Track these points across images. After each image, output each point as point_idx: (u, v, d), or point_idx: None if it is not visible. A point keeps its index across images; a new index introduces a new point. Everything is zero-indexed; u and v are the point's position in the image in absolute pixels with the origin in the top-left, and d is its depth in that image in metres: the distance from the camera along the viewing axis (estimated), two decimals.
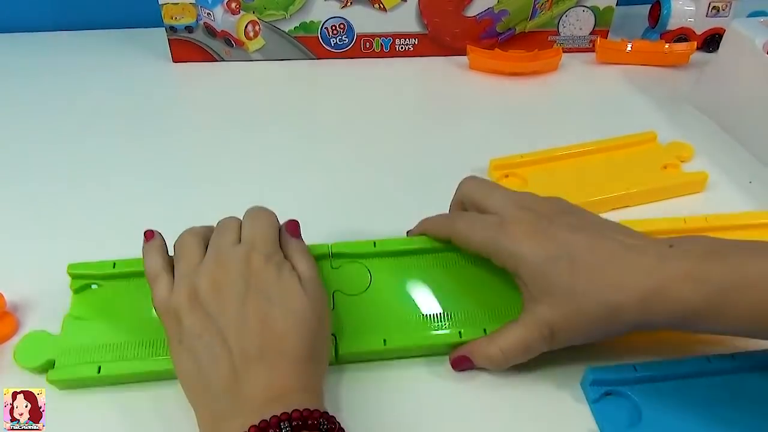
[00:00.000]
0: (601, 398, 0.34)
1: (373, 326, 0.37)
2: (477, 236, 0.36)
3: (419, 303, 0.38)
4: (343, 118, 0.63)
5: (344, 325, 0.37)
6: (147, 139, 0.59)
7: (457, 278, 0.39)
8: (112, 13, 0.80)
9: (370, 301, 0.38)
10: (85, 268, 0.39)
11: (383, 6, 0.69)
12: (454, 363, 0.37)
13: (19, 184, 0.53)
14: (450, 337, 0.37)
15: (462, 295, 0.39)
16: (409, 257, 0.40)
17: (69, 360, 0.35)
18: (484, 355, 0.35)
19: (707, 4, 0.71)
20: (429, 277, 0.39)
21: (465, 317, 0.38)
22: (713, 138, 0.58)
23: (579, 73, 0.71)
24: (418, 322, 0.37)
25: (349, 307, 0.38)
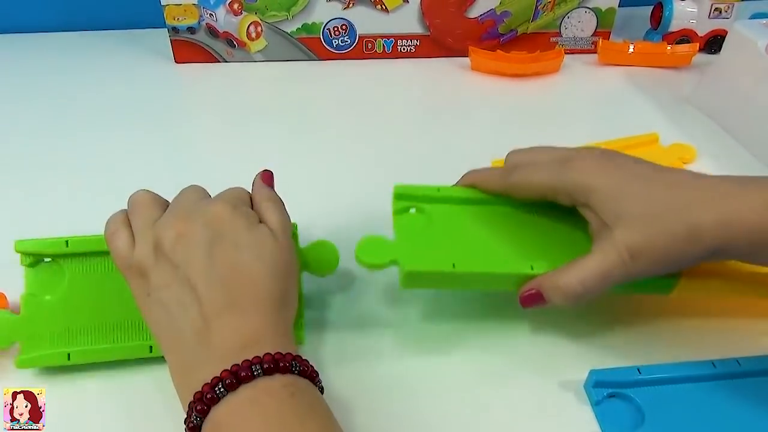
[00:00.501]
0: (604, 400, 0.34)
1: (440, 251, 0.35)
2: (539, 177, 0.35)
3: (484, 240, 0.37)
4: (344, 120, 0.63)
5: (408, 248, 0.36)
6: (149, 139, 0.59)
7: (520, 226, 0.38)
8: (115, 14, 0.80)
9: (435, 233, 0.37)
10: (35, 246, 0.37)
11: (385, 7, 0.69)
12: (524, 299, 0.35)
13: (19, 184, 0.53)
14: (520, 267, 0.35)
15: (527, 238, 0.37)
16: (471, 206, 0.39)
17: (36, 345, 0.35)
18: (558, 287, 0.33)
19: (709, 6, 0.71)
20: (492, 223, 0.38)
21: (533, 253, 0.36)
22: (715, 139, 0.58)
23: (581, 75, 0.71)
24: (486, 254, 0.36)
25: (411, 233, 0.37)
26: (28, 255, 0.37)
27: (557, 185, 0.34)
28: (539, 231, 0.38)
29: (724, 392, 0.34)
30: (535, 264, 0.35)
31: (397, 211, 0.38)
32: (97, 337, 0.35)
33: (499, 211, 0.39)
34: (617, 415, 0.33)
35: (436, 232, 0.37)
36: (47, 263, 0.37)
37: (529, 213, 0.38)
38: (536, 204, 0.38)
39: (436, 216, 0.38)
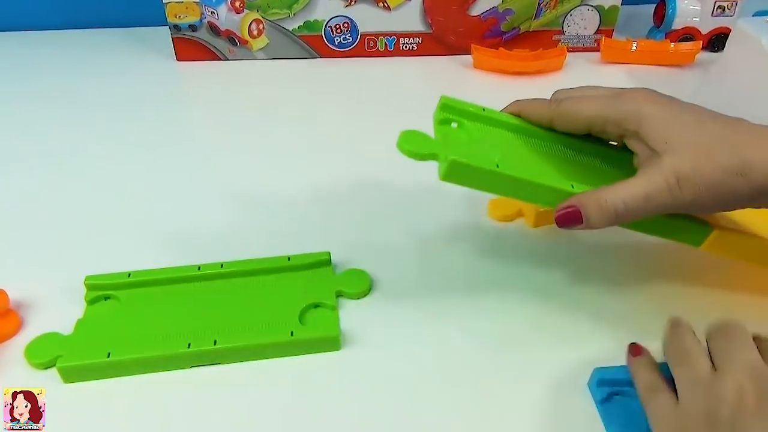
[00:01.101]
0: (608, 398, 0.34)
1: (483, 155, 0.35)
2: (589, 106, 0.35)
3: (526, 159, 0.37)
4: (346, 117, 0.63)
5: (451, 147, 0.35)
6: (150, 137, 0.59)
7: (562, 158, 0.38)
8: (117, 12, 0.80)
9: (476, 147, 0.37)
10: (102, 279, 0.40)
11: (387, 5, 0.69)
12: (560, 217, 0.33)
13: (22, 184, 0.52)
14: (560, 182, 0.34)
15: (569, 167, 0.37)
16: (513, 133, 0.39)
17: (78, 352, 0.35)
18: (599, 204, 0.32)
19: (713, 4, 0.70)
20: (533, 151, 0.38)
21: (574, 177, 0.35)
22: None
23: (583, 73, 0.70)
24: (527, 166, 0.36)
25: (451, 141, 0.37)
26: (93, 289, 0.39)
27: (608, 114, 0.34)
28: (580, 165, 0.37)
29: None
30: (575, 184, 0.34)
31: (439, 121, 0.38)
32: (138, 346, 0.36)
33: (541, 143, 0.38)
34: (621, 413, 0.33)
35: (478, 146, 0.37)
36: (106, 301, 0.39)
37: (572, 150, 0.38)
38: (579, 143, 0.38)
39: (477, 134, 0.37)
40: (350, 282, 0.41)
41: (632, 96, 0.34)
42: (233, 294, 0.40)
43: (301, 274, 0.41)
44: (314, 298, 0.39)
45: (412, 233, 0.46)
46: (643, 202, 0.32)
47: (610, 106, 0.34)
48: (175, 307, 0.39)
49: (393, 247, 0.45)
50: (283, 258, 0.41)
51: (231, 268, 0.41)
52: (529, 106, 0.39)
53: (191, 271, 0.40)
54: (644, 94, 0.34)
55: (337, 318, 0.38)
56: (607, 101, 0.35)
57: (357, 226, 0.46)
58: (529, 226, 0.47)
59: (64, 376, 0.35)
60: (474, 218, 0.47)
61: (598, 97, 0.35)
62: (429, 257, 0.44)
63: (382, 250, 0.44)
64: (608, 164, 0.38)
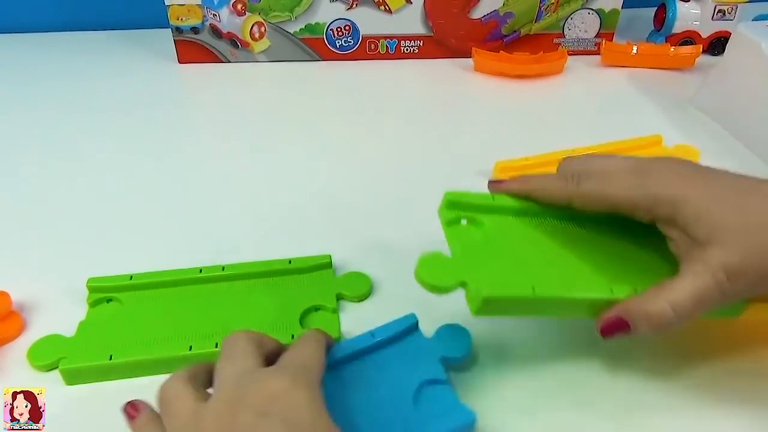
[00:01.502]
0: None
1: (513, 275, 0.31)
2: (615, 189, 0.31)
3: (553, 258, 0.33)
4: (347, 120, 0.63)
5: (476, 267, 0.31)
6: (152, 139, 0.59)
7: (589, 242, 0.34)
8: (118, 14, 0.80)
9: (497, 249, 0.33)
10: (104, 281, 0.40)
11: (388, 8, 0.69)
12: (604, 328, 0.30)
13: (24, 185, 0.53)
14: (600, 290, 0.31)
15: (599, 256, 0.33)
16: (530, 218, 0.35)
17: (80, 355, 0.35)
18: (647, 314, 0.29)
19: (713, 8, 0.71)
20: (557, 239, 0.34)
21: (611, 274, 0.32)
22: (719, 141, 0.58)
23: (584, 76, 0.71)
24: (560, 274, 0.32)
25: (471, 249, 0.32)
26: (95, 291, 0.39)
27: (637, 198, 0.30)
28: (610, 248, 0.34)
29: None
30: (615, 287, 0.31)
31: (448, 222, 0.34)
32: (140, 348, 0.36)
33: (560, 224, 0.35)
34: None
35: (498, 249, 0.33)
36: (108, 303, 0.40)
37: (594, 226, 0.34)
38: (600, 217, 0.34)
39: (493, 229, 0.34)
40: (351, 285, 0.41)
41: (663, 176, 0.30)
42: (234, 296, 0.40)
43: (302, 277, 0.41)
44: (315, 301, 0.39)
45: (413, 237, 0.46)
46: (694, 306, 0.29)
47: (639, 189, 0.30)
48: (177, 310, 0.39)
49: (394, 251, 0.45)
50: (284, 261, 0.41)
51: (232, 270, 0.41)
52: (541, 186, 0.34)
53: (193, 274, 0.40)
54: (674, 172, 0.30)
55: (337, 320, 0.38)
56: (636, 182, 0.31)
57: (358, 229, 0.47)
58: None
59: (67, 378, 0.35)
60: None
61: (624, 176, 0.31)
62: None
63: (382, 253, 0.44)
64: (639, 239, 0.33)
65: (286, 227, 0.47)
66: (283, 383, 0.25)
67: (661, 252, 0.32)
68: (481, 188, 0.50)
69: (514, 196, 0.35)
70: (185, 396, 0.26)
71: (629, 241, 0.34)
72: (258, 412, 0.24)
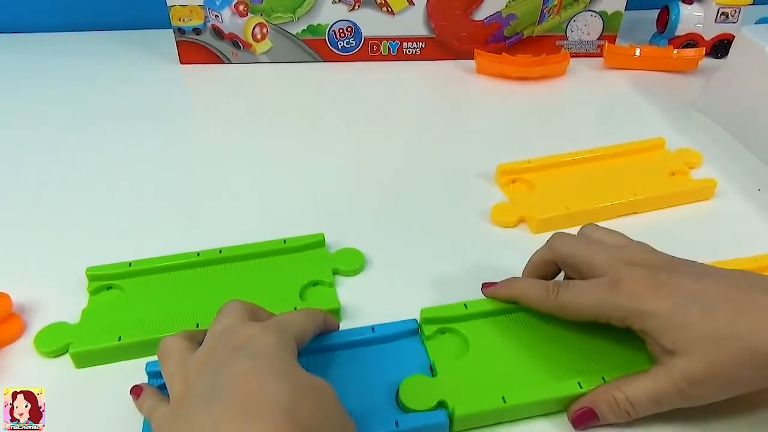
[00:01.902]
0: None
1: (486, 387, 0.34)
2: (587, 300, 0.33)
3: (524, 359, 0.35)
4: (349, 122, 0.63)
5: (455, 390, 0.33)
6: (154, 140, 0.59)
7: (561, 334, 0.36)
8: (120, 15, 0.80)
9: (474, 364, 0.35)
10: (103, 270, 0.40)
11: (391, 9, 0.69)
12: (576, 418, 0.33)
13: (24, 185, 0.53)
14: (567, 388, 0.33)
15: (568, 349, 0.36)
16: (502, 316, 0.37)
17: (88, 338, 0.36)
18: (610, 403, 0.32)
19: (716, 10, 0.70)
20: (529, 334, 0.37)
21: (580, 369, 0.34)
22: (722, 145, 0.57)
23: (586, 78, 0.70)
24: (530, 378, 0.34)
25: (454, 372, 0.35)
26: (95, 279, 0.40)
27: (608, 311, 0.32)
28: (582, 340, 0.36)
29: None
30: (583, 380, 0.33)
31: (428, 337, 0.36)
32: (148, 329, 0.37)
33: (532, 319, 0.37)
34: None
35: (473, 357, 0.35)
36: (108, 290, 0.40)
37: (574, 328, 0.36)
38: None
39: (471, 335, 0.36)
40: (345, 260, 0.43)
41: (632, 289, 0.32)
42: (234, 277, 0.41)
43: (297, 255, 0.43)
44: (312, 277, 0.41)
45: (411, 231, 0.46)
46: (649, 404, 0.31)
47: (610, 304, 0.32)
48: (178, 293, 0.40)
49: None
50: (278, 241, 0.43)
51: (229, 253, 0.42)
52: (525, 293, 0.37)
53: (191, 258, 0.41)
54: (644, 282, 0.32)
55: (335, 294, 0.40)
56: (606, 294, 0.32)
57: (359, 231, 0.46)
58: (531, 232, 0.47)
59: (77, 361, 0.36)
60: (476, 224, 0.48)
61: (596, 290, 0.33)
62: (431, 261, 0.44)
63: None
64: (615, 336, 0.35)
65: (283, 218, 0.48)
66: (257, 329, 0.29)
67: (634, 343, 0.34)
68: (481, 190, 0.51)
69: (501, 299, 0.38)
70: (178, 347, 0.31)
71: (603, 332, 0.35)
72: (231, 347, 0.28)
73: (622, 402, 0.32)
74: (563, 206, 0.47)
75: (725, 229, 0.48)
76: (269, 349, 0.28)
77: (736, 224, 0.48)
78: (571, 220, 0.46)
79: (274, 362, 0.27)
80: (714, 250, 0.36)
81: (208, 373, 0.28)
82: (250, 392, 0.26)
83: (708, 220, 0.48)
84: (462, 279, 0.42)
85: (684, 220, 0.48)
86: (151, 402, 0.31)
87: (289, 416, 0.25)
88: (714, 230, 0.47)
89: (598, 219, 0.46)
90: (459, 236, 0.46)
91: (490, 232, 0.47)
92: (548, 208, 0.47)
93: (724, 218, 0.49)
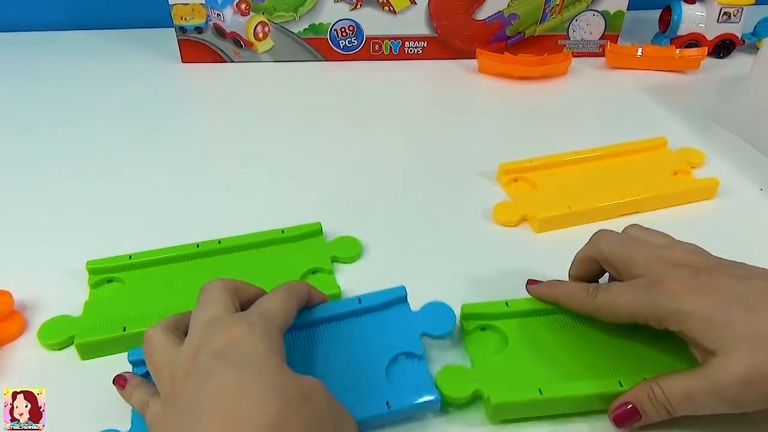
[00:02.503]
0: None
1: (522, 379, 0.33)
2: (626, 301, 0.32)
3: (564, 357, 0.35)
4: (351, 121, 0.63)
5: (492, 381, 0.33)
6: (156, 138, 0.59)
7: (601, 337, 0.36)
8: (122, 14, 0.80)
9: (512, 358, 0.35)
10: (103, 263, 0.41)
11: (393, 8, 0.69)
12: (617, 416, 0.32)
13: (26, 183, 0.53)
14: (607, 386, 0.32)
15: (609, 351, 0.35)
16: (543, 317, 0.37)
17: (92, 330, 0.37)
18: (650, 397, 0.31)
19: (718, 10, 0.70)
20: (568, 335, 0.36)
21: (619, 369, 0.34)
22: (725, 144, 0.57)
23: (588, 78, 0.70)
24: (570, 374, 0.34)
25: (492, 365, 0.34)
26: (95, 273, 0.40)
27: (646, 311, 0.32)
28: (623, 342, 0.35)
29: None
30: (623, 379, 0.33)
31: (467, 332, 0.36)
32: (151, 319, 0.37)
33: (572, 321, 0.37)
34: None
35: (511, 353, 0.35)
36: (108, 284, 0.41)
37: (616, 332, 0.36)
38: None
39: (510, 333, 0.36)
40: (343, 248, 0.43)
41: (671, 288, 0.31)
42: (234, 267, 0.41)
43: (296, 244, 0.43)
44: (311, 264, 0.41)
45: (412, 229, 0.46)
46: (685, 401, 0.30)
47: (648, 304, 0.31)
48: (179, 284, 0.40)
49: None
50: (276, 231, 0.43)
51: (229, 243, 0.42)
52: (566, 294, 0.36)
53: (190, 249, 0.42)
54: (684, 282, 0.31)
55: (335, 280, 0.41)
56: (644, 294, 0.32)
57: (361, 230, 0.46)
58: (533, 231, 0.47)
59: (82, 352, 0.36)
60: (478, 223, 0.48)
61: (634, 291, 0.32)
62: (432, 258, 0.44)
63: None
64: (656, 338, 0.34)
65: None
66: (241, 329, 0.28)
67: (677, 347, 0.33)
68: (483, 189, 0.51)
69: (544, 300, 0.37)
70: (162, 343, 0.30)
71: (645, 336, 0.35)
72: (214, 355, 0.27)
73: (660, 396, 0.30)
74: (565, 205, 0.47)
75: (728, 229, 0.48)
76: (255, 358, 0.27)
77: (739, 224, 0.48)
78: (573, 220, 0.46)
79: (260, 373, 0.26)
80: (716, 249, 0.36)
81: (194, 382, 0.27)
82: (234, 411, 0.25)
83: (710, 219, 0.48)
84: (463, 276, 0.42)
85: (686, 219, 0.48)
86: (140, 395, 0.31)
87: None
88: (716, 230, 0.47)
89: (600, 218, 0.47)
90: (460, 235, 0.46)
91: (491, 231, 0.47)
92: (550, 207, 0.47)
93: (727, 218, 0.48)
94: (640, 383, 0.32)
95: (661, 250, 0.34)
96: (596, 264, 0.37)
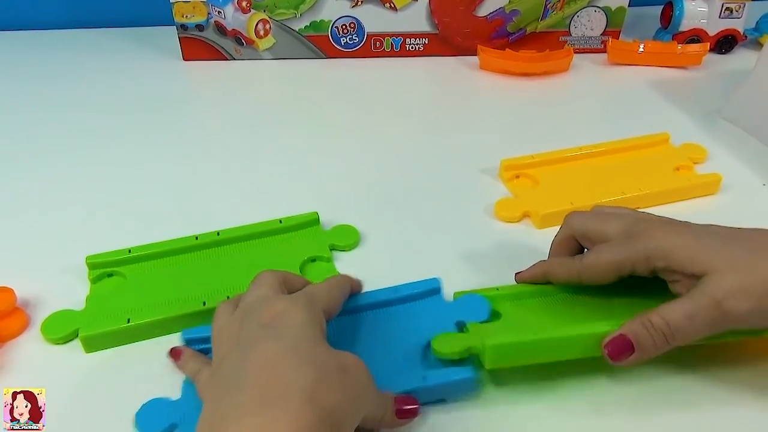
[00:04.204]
0: None
1: (516, 331, 0.34)
2: (611, 254, 0.34)
3: (561, 321, 0.36)
4: (352, 118, 0.63)
5: (484, 334, 0.34)
6: (157, 135, 0.59)
7: (596, 309, 0.36)
8: (123, 11, 0.81)
9: (506, 324, 0.36)
10: (103, 257, 0.41)
11: (394, 5, 0.69)
12: (611, 350, 0.32)
13: (27, 181, 0.53)
14: (607, 325, 0.32)
15: (602, 309, 0.36)
16: (534, 299, 0.38)
17: (96, 322, 0.37)
18: (645, 325, 0.31)
19: (720, 6, 0.70)
20: (560, 309, 0.37)
21: (618, 315, 0.33)
22: (728, 140, 0.57)
23: (590, 74, 0.70)
24: (566, 325, 0.35)
25: (486, 329, 0.35)
26: (95, 267, 0.40)
27: (631, 258, 0.33)
28: (619, 305, 0.36)
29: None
30: (615, 323, 0.33)
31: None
32: (155, 310, 0.38)
33: (569, 298, 0.37)
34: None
35: (507, 321, 0.36)
36: (109, 278, 0.41)
37: (607, 295, 0.37)
38: (612, 288, 0.36)
39: (504, 312, 0.37)
40: (340, 236, 0.44)
41: (650, 233, 0.33)
42: (234, 258, 0.42)
43: (294, 234, 0.44)
44: (310, 253, 0.42)
45: (413, 226, 0.46)
46: (687, 323, 0.31)
47: (631, 249, 0.33)
48: (180, 275, 0.40)
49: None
50: (274, 221, 0.44)
51: (227, 234, 0.43)
52: (555, 264, 0.38)
53: (190, 242, 0.42)
54: (661, 227, 0.34)
55: (334, 268, 0.41)
56: (626, 245, 0.34)
57: (363, 227, 0.46)
58: (535, 227, 0.47)
59: (87, 345, 0.36)
60: (480, 219, 0.47)
61: (616, 243, 0.34)
62: (432, 255, 0.44)
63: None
64: (647, 296, 0.35)
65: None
66: (285, 304, 0.30)
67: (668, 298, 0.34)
68: (485, 185, 0.50)
69: (535, 279, 0.38)
70: (222, 314, 0.33)
71: (638, 296, 0.36)
72: (259, 323, 0.29)
73: (657, 323, 0.31)
74: (567, 201, 0.47)
75: (730, 224, 0.47)
76: (296, 329, 0.29)
77: (741, 219, 0.47)
78: None
79: (300, 343, 0.28)
80: None
81: (238, 350, 0.29)
82: (273, 377, 0.26)
83: (713, 214, 0.47)
84: (462, 270, 0.42)
85: (689, 214, 0.47)
86: (194, 364, 0.34)
87: (310, 401, 0.25)
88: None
89: None
90: (461, 230, 0.46)
91: (493, 226, 0.47)
92: (552, 203, 0.47)
93: (730, 213, 0.48)
94: (634, 317, 0.32)
95: (632, 215, 0.36)
96: (573, 242, 0.38)
